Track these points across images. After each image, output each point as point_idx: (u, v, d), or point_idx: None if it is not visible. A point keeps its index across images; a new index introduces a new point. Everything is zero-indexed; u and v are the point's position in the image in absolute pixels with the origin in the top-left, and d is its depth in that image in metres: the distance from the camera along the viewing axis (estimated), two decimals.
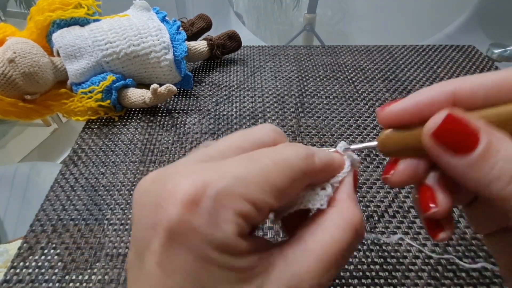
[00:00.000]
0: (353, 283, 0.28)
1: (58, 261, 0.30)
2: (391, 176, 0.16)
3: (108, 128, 0.45)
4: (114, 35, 0.45)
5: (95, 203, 0.35)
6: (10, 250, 0.46)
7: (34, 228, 0.33)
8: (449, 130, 0.13)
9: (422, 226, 0.32)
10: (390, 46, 0.61)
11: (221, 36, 0.55)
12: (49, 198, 0.36)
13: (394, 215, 0.33)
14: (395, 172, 0.16)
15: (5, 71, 0.39)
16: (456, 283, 0.28)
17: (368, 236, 0.31)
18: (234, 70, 0.55)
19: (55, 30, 0.44)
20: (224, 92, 0.51)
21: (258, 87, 0.52)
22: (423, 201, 0.15)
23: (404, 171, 0.15)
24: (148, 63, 0.46)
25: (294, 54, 0.59)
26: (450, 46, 0.59)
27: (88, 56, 0.44)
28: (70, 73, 0.44)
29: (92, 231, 0.32)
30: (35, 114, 0.44)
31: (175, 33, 0.49)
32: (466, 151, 0.12)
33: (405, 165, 0.15)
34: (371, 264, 0.29)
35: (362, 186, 0.36)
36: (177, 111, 0.47)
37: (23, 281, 0.29)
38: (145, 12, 0.50)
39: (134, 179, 0.38)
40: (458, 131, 0.13)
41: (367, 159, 0.39)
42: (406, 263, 0.29)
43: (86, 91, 0.44)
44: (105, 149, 0.42)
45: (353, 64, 0.56)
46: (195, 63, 0.57)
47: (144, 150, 0.41)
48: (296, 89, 0.51)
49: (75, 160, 0.40)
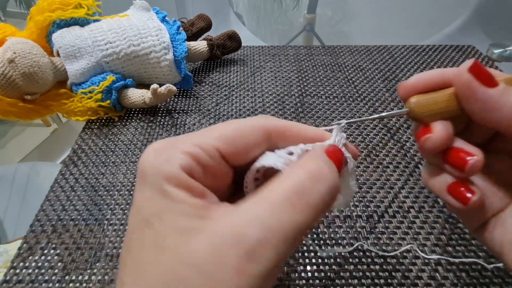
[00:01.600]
0: (353, 283, 0.28)
1: (58, 261, 0.30)
2: (432, 135, 0.17)
3: (108, 128, 0.45)
4: (114, 35, 0.45)
5: (95, 203, 0.35)
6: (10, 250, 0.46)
7: (34, 228, 0.33)
8: (479, 69, 0.16)
9: (422, 226, 0.32)
10: (390, 46, 0.61)
11: (221, 36, 0.55)
12: (49, 198, 0.36)
13: (394, 215, 0.33)
14: (436, 131, 0.17)
15: (5, 71, 0.39)
16: (456, 283, 0.28)
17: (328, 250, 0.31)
18: (234, 70, 0.55)
19: (55, 30, 0.44)
20: (224, 92, 0.51)
21: (258, 87, 0.52)
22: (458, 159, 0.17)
23: (442, 130, 0.17)
24: (148, 63, 0.46)
25: (294, 54, 0.59)
26: (450, 46, 0.59)
27: (88, 56, 0.44)
28: (70, 73, 0.44)
29: (92, 231, 0.32)
30: (35, 114, 0.44)
31: (175, 33, 0.49)
32: (493, 85, 0.16)
33: (440, 123, 0.17)
34: (371, 264, 0.29)
35: (362, 186, 0.36)
36: (177, 111, 0.47)
37: (23, 281, 0.29)
38: (145, 12, 0.50)
39: (134, 179, 0.38)
40: (484, 71, 0.16)
41: (367, 159, 0.39)
42: (406, 263, 0.29)
43: (86, 91, 0.44)
44: (105, 149, 0.42)
45: (353, 64, 0.56)
46: (195, 63, 0.57)
47: (144, 150, 0.41)
48: (296, 89, 0.51)
49: (75, 160, 0.40)
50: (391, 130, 0.43)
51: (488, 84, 0.16)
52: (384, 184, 0.36)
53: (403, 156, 0.39)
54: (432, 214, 0.33)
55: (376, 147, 0.41)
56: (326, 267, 0.29)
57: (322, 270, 0.29)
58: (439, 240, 0.31)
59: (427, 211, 0.33)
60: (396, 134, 0.42)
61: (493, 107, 0.16)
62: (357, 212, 0.34)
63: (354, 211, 0.34)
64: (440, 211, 0.33)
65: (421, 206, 0.34)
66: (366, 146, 0.41)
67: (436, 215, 0.33)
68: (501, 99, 0.16)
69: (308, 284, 0.28)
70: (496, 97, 0.16)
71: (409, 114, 0.19)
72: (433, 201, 0.34)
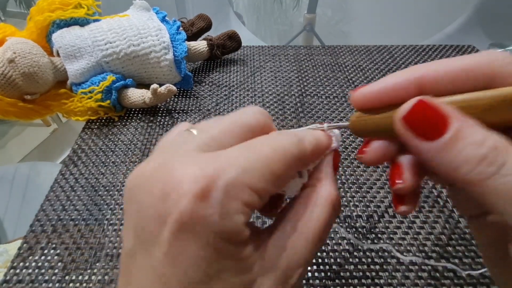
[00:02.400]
0: (353, 283, 0.28)
1: (58, 261, 0.30)
2: (364, 155, 0.17)
3: (108, 128, 0.45)
4: (114, 35, 0.45)
5: (95, 203, 0.35)
6: (10, 250, 0.46)
7: (34, 228, 0.33)
8: (419, 116, 0.13)
9: (422, 226, 0.32)
10: (390, 46, 0.61)
11: (221, 36, 0.55)
12: (49, 198, 0.36)
13: (394, 215, 0.33)
14: (367, 151, 0.16)
15: (5, 71, 0.39)
16: (456, 283, 0.28)
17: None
18: (234, 70, 0.55)
19: (55, 30, 0.44)
20: (224, 92, 0.51)
21: (258, 87, 0.52)
22: (392, 177, 0.16)
23: (376, 151, 0.16)
24: (148, 63, 0.46)
25: (294, 54, 0.59)
26: (450, 46, 0.59)
27: (88, 56, 0.44)
28: (70, 73, 0.44)
29: (92, 231, 0.32)
30: (35, 114, 0.44)
31: (175, 33, 0.49)
32: (435, 136, 0.13)
33: (377, 145, 0.16)
34: (371, 264, 0.29)
35: (362, 186, 0.36)
36: (177, 111, 0.47)
37: (23, 281, 0.29)
38: (145, 12, 0.50)
39: None
40: (428, 117, 0.13)
41: None
42: (406, 263, 0.29)
43: (86, 91, 0.44)
44: (105, 149, 0.42)
45: (353, 64, 0.56)
46: (195, 63, 0.57)
47: (144, 150, 0.41)
48: (296, 89, 0.51)
49: (75, 160, 0.40)
50: None
51: (429, 136, 0.13)
52: (384, 184, 0.36)
53: None
54: (432, 214, 0.33)
55: None
56: (326, 267, 0.29)
57: (322, 270, 0.29)
58: (439, 240, 0.31)
59: (427, 211, 0.33)
60: None
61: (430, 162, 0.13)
62: (357, 212, 0.34)
63: (354, 211, 0.34)
64: (440, 211, 0.33)
65: (421, 206, 0.34)
66: None
67: (436, 215, 0.33)
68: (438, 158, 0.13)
69: (308, 284, 0.28)
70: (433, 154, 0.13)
71: (349, 127, 0.18)
72: (433, 201, 0.34)
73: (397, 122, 0.14)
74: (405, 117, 0.13)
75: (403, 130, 0.14)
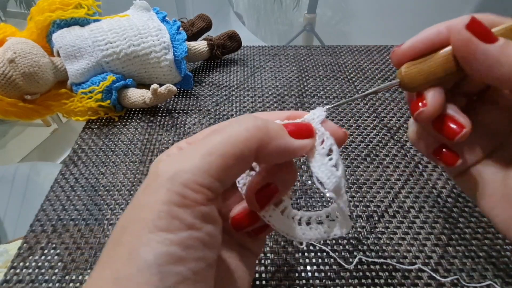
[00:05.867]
0: (353, 283, 0.28)
1: (58, 261, 0.30)
2: (425, 108, 0.17)
3: (108, 128, 0.45)
4: (114, 35, 0.45)
5: (95, 203, 0.35)
6: (10, 250, 0.46)
7: (34, 228, 0.33)
8: (476, 25, 0.15)
9: (423, 227, 0.32)
10: (390, 46, 0.61)
11: (221, 36, 0.55)
12: (49, 198, 0.36)
13: (394, 215, 0.33)
14: (428, 102, 0.17)
15: (5, 71, 0.39)
16: (456, 283, 0.28)
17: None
18: (234, 70, 0.55)
19: (55, 30, 0.44)
20: (224, 92, 0.51)
21: (258, 87, 0.52)
22: (448, 129, 0.17)
23: (436, 98, 0.17)
24: (148, 63, 0.46)
25: (294, 54, 0.59)
26: None
27: (88, 56, 0.44)
28: (70, 73, 0.44)
29: (92, 231, 0.32)
30: (35, 114, 0.44)
31: (175, 33, 0.49)
32: (492, 41, 0.15)
33: (433, 92, 0.17)
34: (371, 264, 0.29)
35: (362, 186, 0.36)
36: (177, 111, 0.47)
37: (23, 281, 0.29)
38: (145, 12, 0.50)
39: (134, 179, 0.38)
40: (483, 27, 0.15)
41: (367, 159, 0.39)
42: (406, 263, 0.29)
43: (86, 91, 0.44)
44: (105, 149, 0.42)
45: (353, 64, 0.56)
46: (195, 63, 0.57)
47: (144, 150, 0.41)
48: (296, 89, 0.51)
49: (75, 160, 0.40)
50: (391, 130, 0.43)
51: (488, 40, 0.15)
52: (384, 184, 0.36)
53: (403, 156, 0.39)
54: (432, 214, 0.33)
55: (376, 147, 0.41)
56: (326, 267, 0.29)
57: (322, 270, 0.29)
58: (439, 240, 0.31)
59: (427, 211, 0.33)
60: (396, 134, 0.42)
61: (494, 64, 0.15)
62: (357, 212, 0.34)
63: (354, 211, 0.34)
64: (440, 211, 0.33)
65: (421, 206, 0.34)
66: (366, 146, 0.41)
67: (436, 215, 0.33)
68: (502, 55, 0.15)
69: (308, 284, 0.28)
70: (497, 54, 0.15)
71: (400, 85, 0.18)
72: (433, 201, 0.34)
73: (462, 30, 0.16)
74: (469, 25, 0.15)
75: (468, 35, 0.15)
